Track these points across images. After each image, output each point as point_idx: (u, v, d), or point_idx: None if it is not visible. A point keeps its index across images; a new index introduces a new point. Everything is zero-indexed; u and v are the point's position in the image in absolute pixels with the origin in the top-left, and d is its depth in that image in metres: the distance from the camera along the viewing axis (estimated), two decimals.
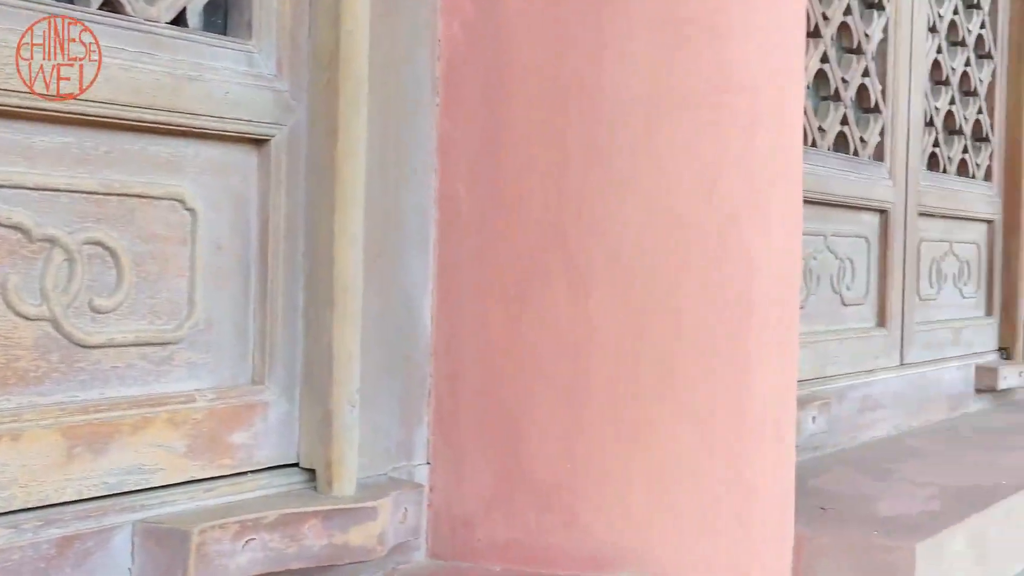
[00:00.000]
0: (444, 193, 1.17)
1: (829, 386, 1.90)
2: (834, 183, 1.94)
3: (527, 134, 1.13)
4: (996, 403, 2.51)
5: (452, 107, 1.16)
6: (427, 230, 1.17)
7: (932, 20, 2.26)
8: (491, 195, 1.15)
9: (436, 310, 1.17)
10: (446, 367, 1.16)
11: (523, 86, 1.13)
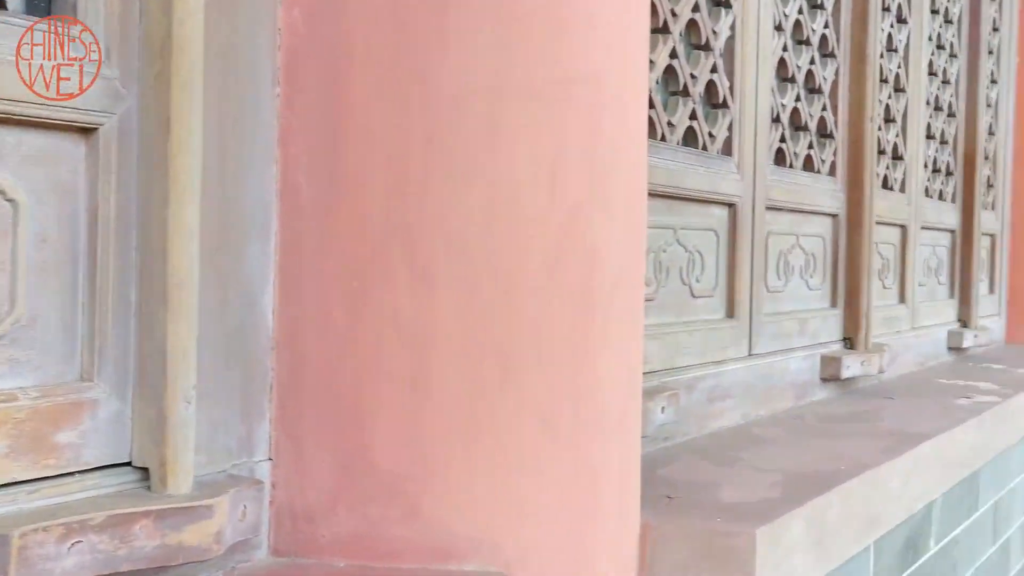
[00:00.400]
0: (286, 185, 1.15)
1: (679, 377, 1.93)
2: (683, 177, 1.97)
3: (368, 125, 1.12)
4: (840, 391, 2.60)
5: (293, 97, 1.14)
6: (268, 222, 1.14)
7: (778, 19, 2.32)
8: (332, 187, 1.13)
9: (278, 303, 1.15)
10: (288, 361, 1.14)
11: (364, 77, 1.12)
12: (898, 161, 3.12)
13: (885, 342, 2.90)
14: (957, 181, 3.68)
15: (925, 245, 3.39)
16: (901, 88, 3.12)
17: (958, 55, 3.65)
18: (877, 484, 1.81)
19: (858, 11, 2.68)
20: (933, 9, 3.37)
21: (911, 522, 2.03)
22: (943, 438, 2.16)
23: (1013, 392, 2.82)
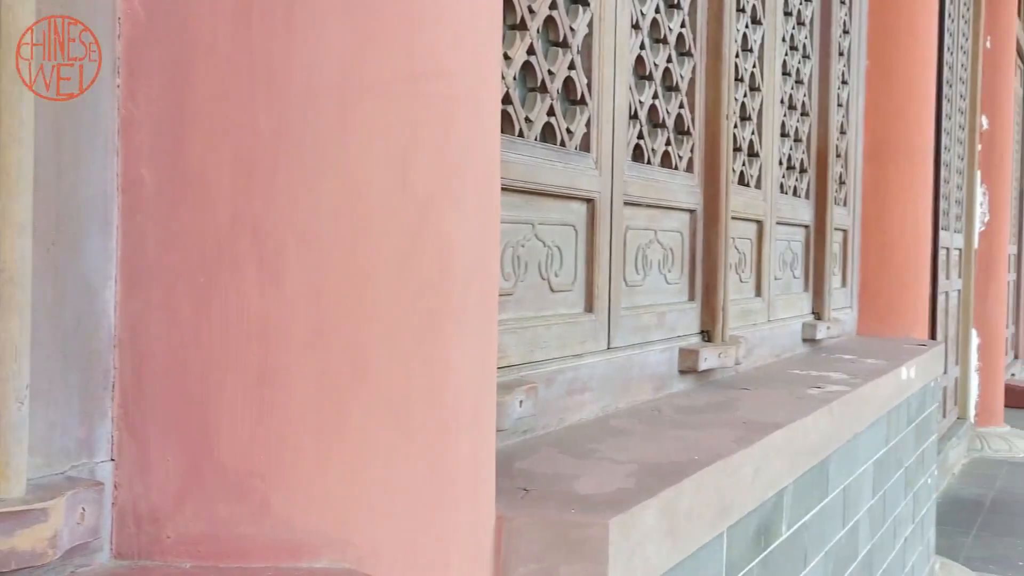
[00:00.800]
0: (128, 178, 1.11)
1: (537, 371, 1.95)
2: (542, 172, 1.99)
3: (214, 118, 1.10)
4: (698, 383, 2.66)
5: (134, 88, 1.11)
6: (110, 216, 1.11)
7: (635, 17, 2.36)
8: (177, 180, 1.10)
9: (120, 299, 1.12)
10: (131, 358, 1.11)
11: (208, 68, 1.10)
12: (754, 158, 3.21)
13: (742, 334, 2.98)
14: (811, 178, 3.80)
15: (780, 240, 3.49)
16: (756, 87, 3.20)
17: (811, 56, 3.77)
18: (730, 473, 1.85)
19: (714, 11, 2.75)
20: (787, 11, 3.48)
21: (763, 509, 2.09)
22: (794, 427, 2.23)
23: (862, 382, 2.93)
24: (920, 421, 3.91)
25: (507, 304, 1.92)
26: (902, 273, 4.55)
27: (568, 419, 2.05)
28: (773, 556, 2.17)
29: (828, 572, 2.61)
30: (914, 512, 3.80)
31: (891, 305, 4.51)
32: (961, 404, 8.07)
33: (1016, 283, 12.72)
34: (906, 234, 4.55)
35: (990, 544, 5.56)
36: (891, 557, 3.37)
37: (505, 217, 1.90)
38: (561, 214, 2.09)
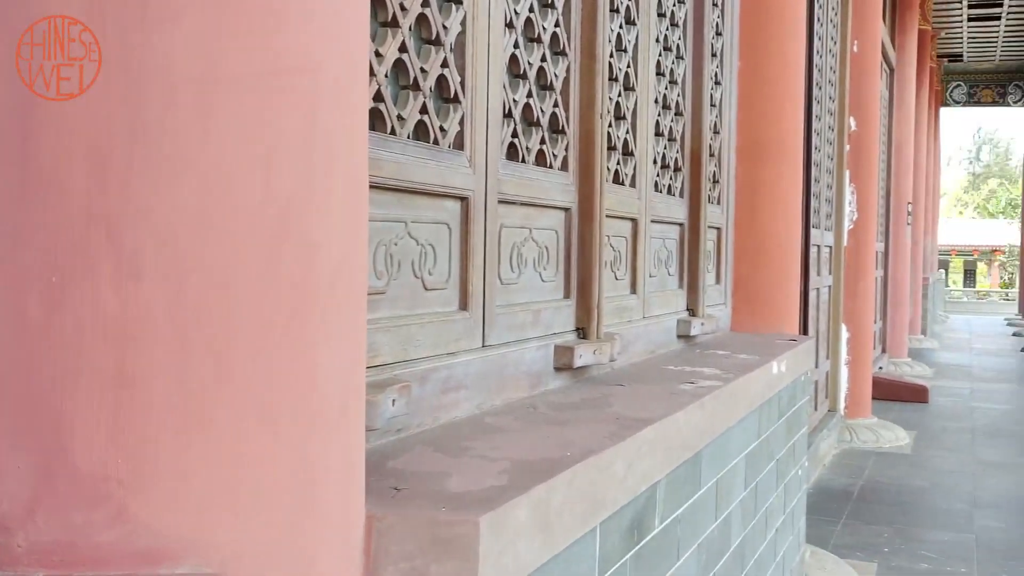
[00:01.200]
0: None
1: (411, 369, 1.94)
2: (414, 171, 1.98)
3: (64, 113, 1.06)
4: (573, 380, 2.68)
5: None
6: None
7: (509, 16, 2.37)
8: (27, 178, 1.07)
9: None
10: None
11: None
12: (629, 157, 3.25)
13: (617, 331, 3.02)
14: (685, 177, 3.87)
15: (655, 238, 3.54)
16: (631, 87, 3.24)
17: (684, 57, 3.84)
18: (603, 468, 1.87)
19: (588, 11, 2.77)
20: (660, 13, 3.53)
21: (636, 503, 2.12)
22: (667, 422, 2.26)
23: (734, 377, 2.99)
24: (791, 414, 4.02)
25: (380, 303, 1.90)
26: (774, 270, 4.66)
27: (443, 417, 2.04)
28: (646, 549, 2.20)
29: (701, 564, 2.66)
30: (785, 503, 3.90)
31: (764, 301, 4.62)
32: (832, 397, 8.32)
33: (883, 279, 13.18)
34: (778, 232, 4.66)
35: (857, 532, 5.75)
36: (762, 547, 3.45)
37: (377, 215, 1.89)
38: (435, 212, 2.09)
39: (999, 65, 25.14)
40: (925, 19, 16.74)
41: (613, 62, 3.05)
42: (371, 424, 1.66)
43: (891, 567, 5.14)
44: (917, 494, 6.78)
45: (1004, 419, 10.15)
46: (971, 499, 6.64)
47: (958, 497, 6.70)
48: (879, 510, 6.28)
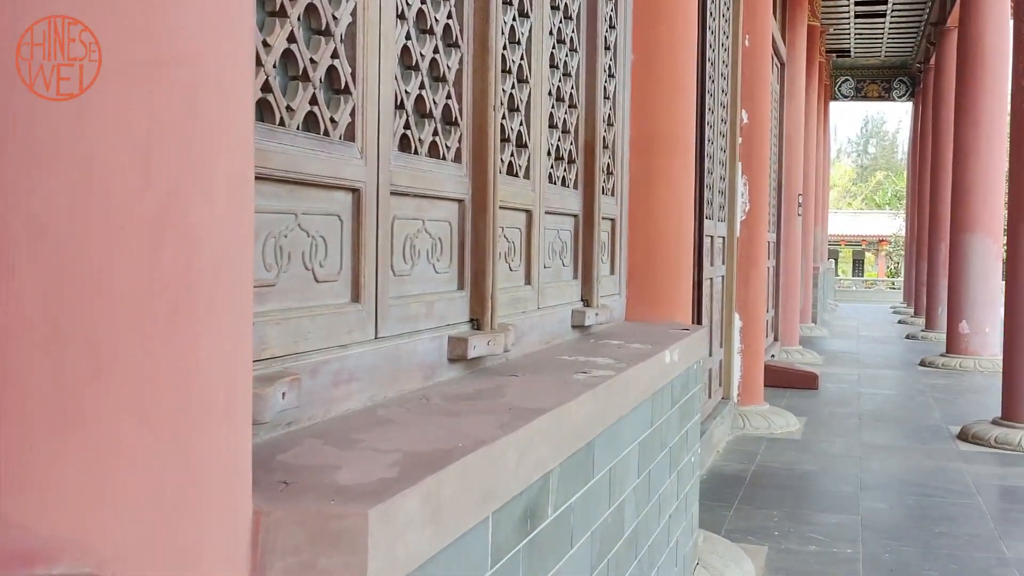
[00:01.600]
0: None
1: (302, 362, 1.93)
2: (305, 162, 1.97)
3: None
4: (467, 371, 2.69)
5: None
6: None
7: (401, 8, 2.36)
8: None
9: None
10: None
11: None
12: (522, 149, 3.27)
13: (512, 322, 3.03)
14: (579, 168, 3.91)
15: (550, 229, 3.57)
16: (524, 79, 3.26)
17: (578, 50, 3.87)
18: (495, 459, 1.88)
19: (480, 3, 2.78)
20: (554, 5, 3.55)
21: (529, 492, 2.13)
22: (560, 412, 2.28)
23: (627, 366, 3.03)
24: (684, 402, 4.09)
25: (269, 295, 1.89)
26: (668, 261, 4.73)
27: (334, 410, 2.03)
28: (540, 538, 2.22)
29: (595, 551, 2.69)
30: (678, 489, 3.97)
31: (658, 291, 4.69)
32: (725, 385, 8.48)
33: (775, 269, 13.47)
34: (671, 223, 4.73)
35: (749, 516, 5.88)
36: (656, 533, 3.51)
37: (266, 207, 1.87)
38: (326, 204, 2.08)
39: (884, 61, 25.88)
40: (814, 15, 17.13)
41: (507, 54, 3.06)
42: (260, 418, 1.65)
43: (781, 550, 5.27)
44: (806, 478, 6.95)
45: (889, 404, 10.47)
46: (857, 482, 6.84)
47: (845, 480, 6.89)
48: (770, 494, 6.43)
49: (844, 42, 23.16)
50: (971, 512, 6.12)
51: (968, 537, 5.58)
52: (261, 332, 1.81)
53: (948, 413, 9.81)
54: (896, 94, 26.99)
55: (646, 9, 4.60)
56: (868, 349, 16.32)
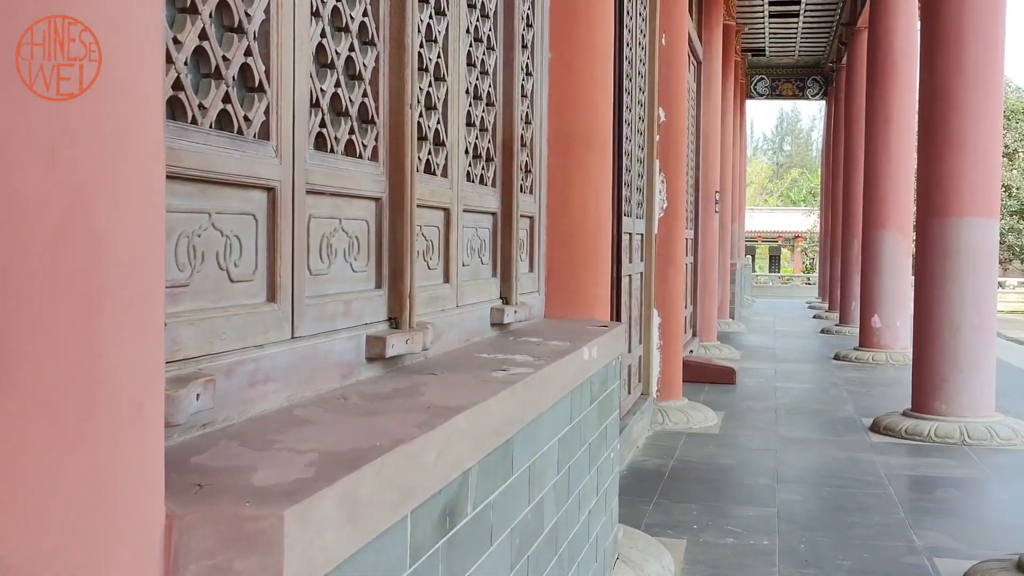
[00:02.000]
0: None
1: (217, 362, 1.91)
2: (218, 161, 1.94)
3: None
4: (386, 370, 2.68)
5: None
6: None
7: (316, 5, 2.35)
8: None
9: None
10: None
11: None
12: (440, 147, 3.27)
13: (430, 321, 3.03)
14: (497, 167, 3.92)
15: (468, 227, 3.57)
16: (441, 77, 3.26)
17: (495, 48, 3.88)
18: (413, 457, 1.88)
19: (396, 1, 2.77)
20: (470, 3, 3.56)
21: (448, 491, 2.14)
22: (478, 409, 2.29)
23: (545, 363, 3.05)
24: (603, 399, 4.12)
25: (183, 296, 1.86)
26: (586, 258, 4.76)
27: (250, 411, 2.01)
28: (459, 536, 2.23)
29: (515, 548, 2.70)
30: (598, 485, 4.00)
31: (576, 289, 4.72)
32: (645, 380, 8.57)
33: (693, 266, 13.63)
34: (589, 220, 4.77)
35: (669, 510, 5.95)
36: (576, 529, 3.53)
37: (179, 207, 1.85)
38: (240, 203, 2.06)
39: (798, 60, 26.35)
40: (730, 14, 17.37)
41: (423, 52, 3.06)
42: (173, 420, 1.63)
43: (700, 543, 5.34)
44: (724, 472, 7.06)
45: (804, 397, 10.67)
46: (774, 474, 6.96)
47: (762, 473, 7.01)
48: (689, 488, 6.51)
49: (759, 41, 23.53)
50: (883, 502, 6.26)
51: (880, 526, 5.72)
52: (174, 333, 1.79)
53: (861, 405, 10.03)
54: (810, 93, 27.51)
55: (563, 8, 4.63)
56: (784, 344, 16.60)
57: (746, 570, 4.94)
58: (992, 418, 8.26)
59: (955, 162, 8.22)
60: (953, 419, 8.21)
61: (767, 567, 4.98)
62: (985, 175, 8.27)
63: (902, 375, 11.09)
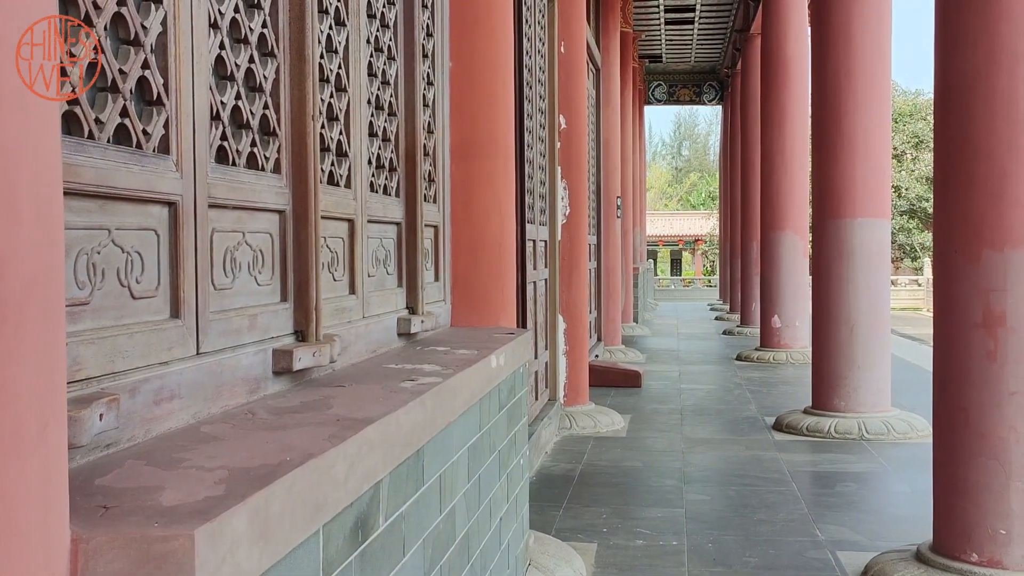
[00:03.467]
0: None
1: (120, 381, 1.88)
2: (117, 176, 1.91)
3: None
4: (293, 383, 2.66)
5: None
6: None
7: (214, 17, 2.32)
8: None
9: None
10: None
11: None
12: (343, 158, 3.25)
13: (337, 332, 3.01)
14: (400, 176, 3.91)
15: (373, 238, 3.56)
16: (343, 88, 3.24)
17: (396, 58, 3.87)
18: (323, 471, 1.87)
19: (296, 12, 2.75)
20: (371, 14, 3.55)
21: (360, 503, 2.13)
22: (387, 421, 2.29)
23: (454, 372, 3.05)
24: (511, 406, 4.14)
25: (83, 314, 1.83)
26: (491, 266, 4.78)
27: (156, 429, 1.98)
28: (372, 548, 2.22)
29: (428, 558, 2.70)
30: (508, 492, 4.02)
31: (482, 296, 4.73)
32: (551, 386, 8.62)
33: (597, 271, 13.76)
34: (493, 228, 4.78)
35: (578, 515, 6.00)
36: (488, 537, 3.54)
37: (78, 223, 1.81)
38: (141, 218, 2.02)
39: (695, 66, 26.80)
40: (627, 22, 17.60)
41: (324, 63, 3.04)
42: (76, 441, 1.59)
43: (610, 546, 5.39)
44: (632, 474, 7.13)
45: (708, 398, 10.85)
46: (681, 475, 7.06)
47: (669, 475, 7.10)
48: (598, 492, 6.57)
49: (656, 48, 23.87)
50: (787, 498, 6.40)
51: (784, 522, 5.84)
52: (75, 352, 1.75)
53: (763, 405, 10.23)
54: (707, 98, 28.01)
55: (463, 17, 4.64)
56: (688, 346, 16.85)
57: (656, 571, 5.00)
58: (889, 413, 8.50)
59: (847, 164, 8.44)
60: (852, 415, 8.42)
61: (676, 567, 5.05)
62: (876, 177, 8.51)
63: (802, 373, 11.34)
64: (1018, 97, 4.27)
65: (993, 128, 4.33)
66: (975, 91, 4.41)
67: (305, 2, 2.75)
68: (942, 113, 4.69)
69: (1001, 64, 4.30)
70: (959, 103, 4.51)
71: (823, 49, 8.69)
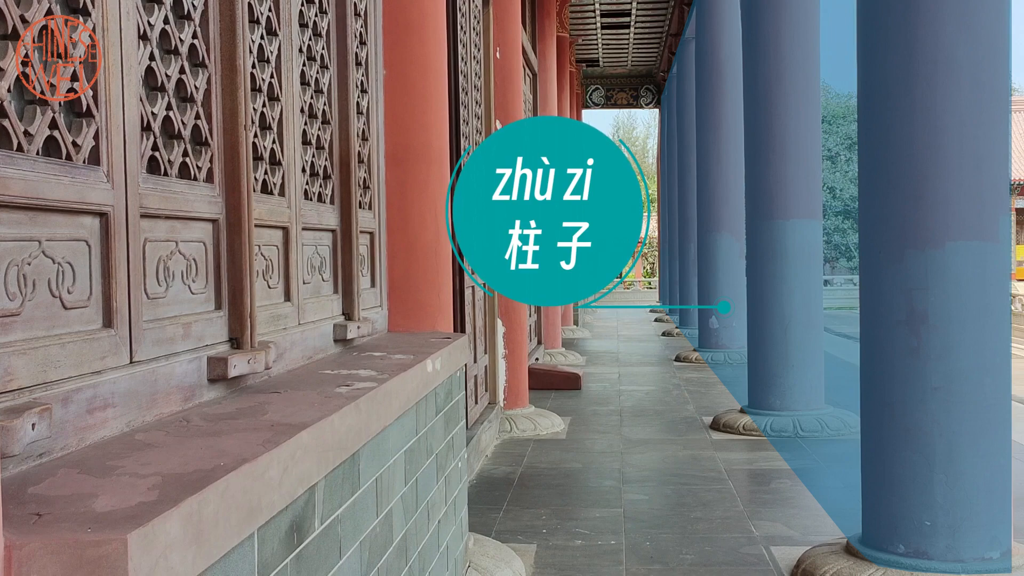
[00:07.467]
0: None
1: (52, 391, 1.89)
2: (47, 188, 1.93)
3: None
4: (228, 391, 2.68)
5: None
6: None
7: (143, 28, 2.34)
8: None
9: None
10: None
11: None
12: (276, 166, 3.28)
13: (272, 339, 3.04)
14: (335, 184, 3.94)
15: (308, 245, 3.59)
16: (276, 97, 3.27)
17: (329, 66, 3.90)
18: (257, 475, 1.91)
19: (226, 22, 2.77)
20: (303, 23, 3.57)
21: (295, 507, 2.16)
22: (322, 425, 2.32)
23: (389, 376, 3.09)
24: (448, 409, 4.19)
25: (14, 325, 1.84)
26: (427, 271, 4.82)
27: (90, 438, 2.00)
28: (307, 551, 2.26)
29: (364, 560, 2.74)
30: (446, 495, 4.06)
31: (418, 302, 4.77)
32: (491, 390, 8.67)
33: None
34: (429, 234, 4.82)
35: (518, 516, 6.06)
36: (426, 539, 3.58)
37: (7, 235, 1.83)
38: (72, 229, 2.04)
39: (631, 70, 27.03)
40: (563, 27, 17.72)
41: (256, 73, 3.07)
42: (8, 451, 1.62)
43: (549, 546, 5.45)
44: (572, 476, 7.21)
45: (648, 399, 10.97)
46: (620, 476, 7.15)
47: (608, 475, 7.19)
48: (538, 494, 6.63)
49: (593, 52, 24.05)
50: (723, 496, 6.51)
51: (721, 520, 5.94)
52: (6, 363, 1.77)
53: (701, 405, 10.37)
54: (643, 101, 28.25)
55: (396, 25, 4.68)
56: (627, 348, 16.99)
57: (595, 570, 5.07)
58: (822, 410, 8.66)
59: (779, 166, 8.60)
60: (787, 413, 8.57)
61: (614, 566, 5.12)
62: (807, 178, 8.67)
63: (740, 373, 11.48)
64: (936, 103, 4.41)
65: (912, 133, 4.46)
66: (895, 96, 4.54)
67: (236, 12, 2.78)
68: (865, 117, 4.82)
69: (919, 71, 4.44)
70: (880, 108, 4.64)
71: (754, 53, 8.84)
